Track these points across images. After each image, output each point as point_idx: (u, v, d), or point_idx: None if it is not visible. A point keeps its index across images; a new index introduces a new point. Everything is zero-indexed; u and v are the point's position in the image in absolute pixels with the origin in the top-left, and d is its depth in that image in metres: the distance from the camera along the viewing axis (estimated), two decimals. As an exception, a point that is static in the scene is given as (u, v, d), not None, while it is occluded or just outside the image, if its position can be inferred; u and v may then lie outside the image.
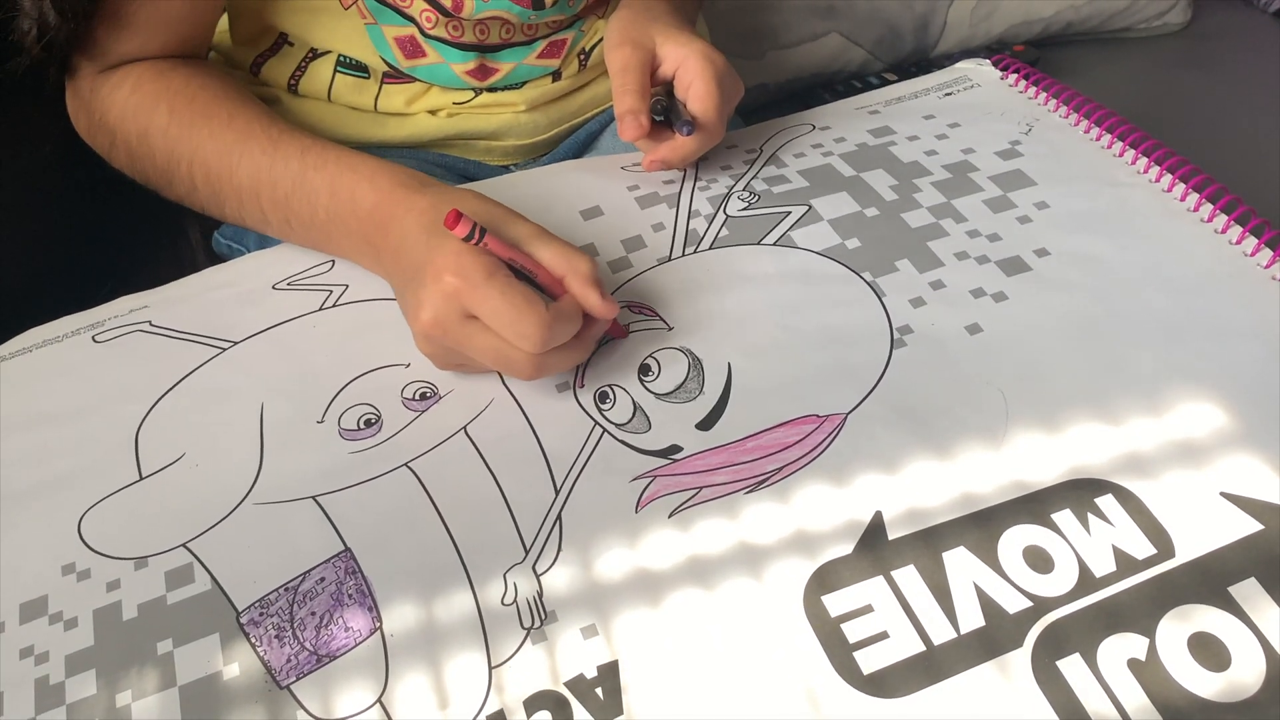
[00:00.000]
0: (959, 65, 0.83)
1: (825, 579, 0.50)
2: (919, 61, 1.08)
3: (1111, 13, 1.13)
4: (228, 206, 0.69)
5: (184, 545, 0.55)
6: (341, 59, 0.78)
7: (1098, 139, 0.72)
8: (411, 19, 0.76)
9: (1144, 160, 0.69)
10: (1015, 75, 0.80)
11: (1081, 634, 0.48)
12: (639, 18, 0.75)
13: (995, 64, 0.82)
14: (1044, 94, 0.77)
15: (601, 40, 0.81)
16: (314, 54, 0.79)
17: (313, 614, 0.51)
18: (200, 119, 0.68)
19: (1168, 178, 0.68)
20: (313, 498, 0.56)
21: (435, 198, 0.61)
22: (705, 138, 0.70)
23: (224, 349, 0.65)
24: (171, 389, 0.63)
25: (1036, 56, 1.08)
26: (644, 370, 0.60)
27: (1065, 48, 1.15)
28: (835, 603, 0.49)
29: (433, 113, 0.81)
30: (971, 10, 1.08)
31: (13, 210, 0.79)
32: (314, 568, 0.53)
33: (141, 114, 0.70)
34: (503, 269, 0.56)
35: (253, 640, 0.51)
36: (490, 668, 0.49)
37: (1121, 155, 0.71)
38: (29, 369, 0.65)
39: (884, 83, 1.04)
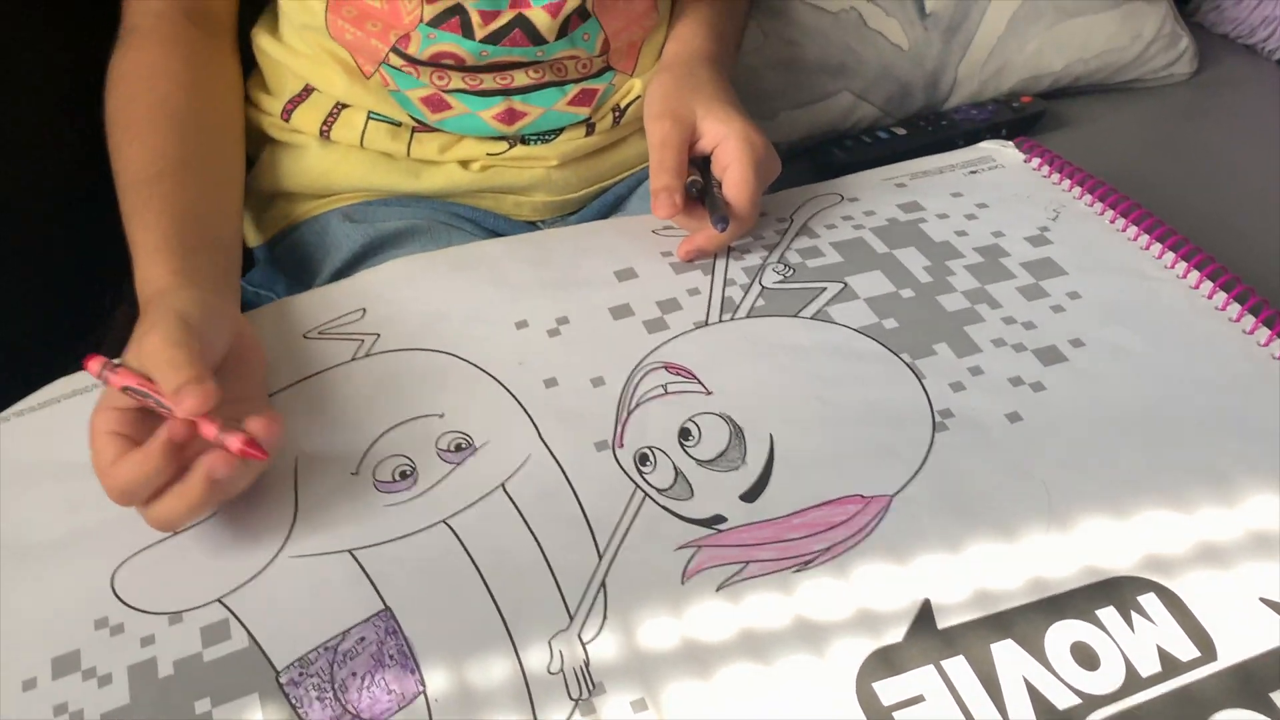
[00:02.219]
0: (983, 145, 0.84)
1: (876, 666, 0.50)
2: (928, 115, 1.10)
3: (1120, 65, 1.15)
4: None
5: (219, 600, 0.54)
6: (372, 112, 0.78)
7: (1124, 229, 0.74)
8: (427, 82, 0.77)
9: (1171, 255, 0.71)
10: (1039, 159, 0.81)
11: (1129, 733, 0.48)
12: (681, 86, 0.75)
13: (1018, 145, 0.83)
14: (1068, 180, 0.79)
15: (637, 99, 0.82)
16: (344, 105, 0.79)
17: (354, 675, 0.51)
18: (120, 125, 0.70)
19: (1195, 274, 0.70)
20: (349, 552, 0.56)
21: (147, 314, 0.60)
22: (739, 227, 0.70)
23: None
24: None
25: (1044, 108, 1.10)
26: (684, 434, 0.60)
27: (1073, 99, 1.16)
28: (887, 691, 0.49)
29: (465, 164, 0.80)
30: (981, 65, 1.10)
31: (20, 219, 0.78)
32: (353, 627, 0.53)
33: (108, 88, 0.72)
34: (104, 425, 0.55)
35: (293, 701, 0.50)
36: (539, 739, 0.49)
37: (1148, 248, 0.72)
38: (56, 420, 0.64)
39: (892, 137, 1.05)
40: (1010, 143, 0.84)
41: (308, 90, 0.79)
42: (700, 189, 0.70)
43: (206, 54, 0.76)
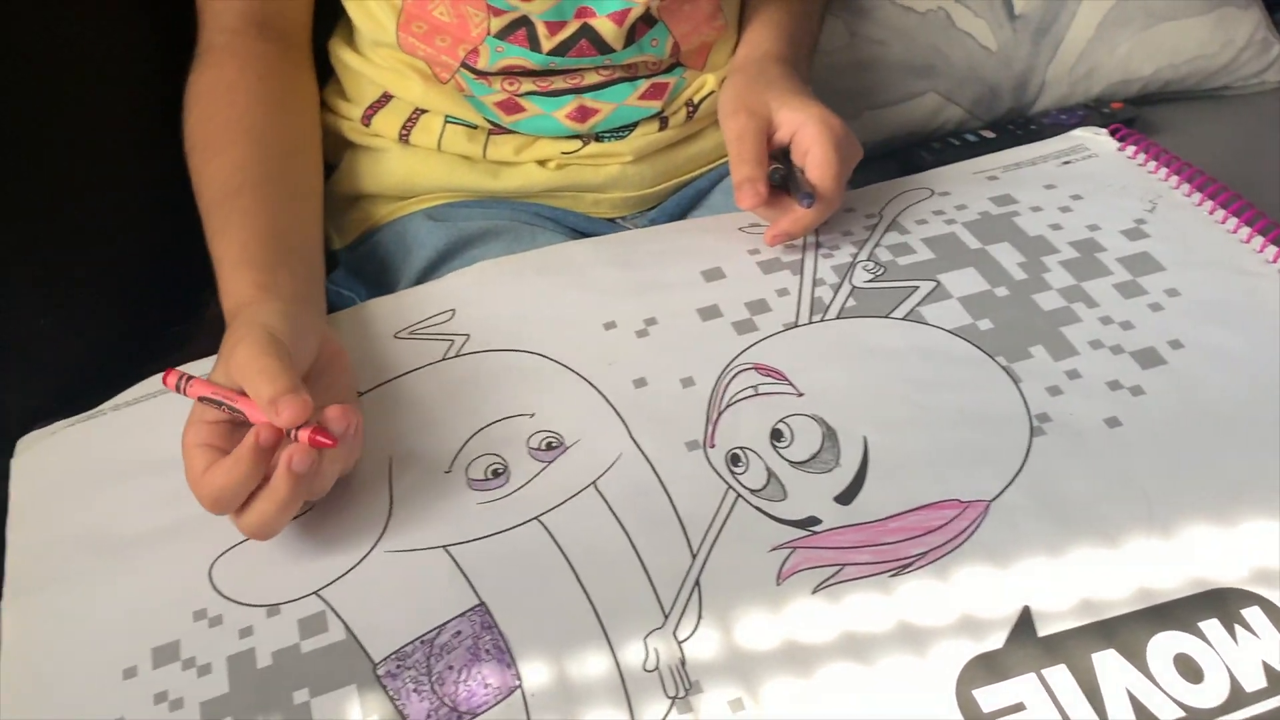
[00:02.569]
0: (1075, 133, 0.83)
1: (976, 672, 0.50)
2: (1015, 119, 1.08)
3: (1210, 71, 1.13)
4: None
5: (316, 593, 0.55)
6: (449, 116, 0.79)
7: (1223, 221, 0.72)
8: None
9: (1272, 249, 0.69)
10: (1135, 148, 0.80)
11: (1237, 749, 0.47)
12: (754, 83, 0.75)
13: (1112, 134, 0.82)
14: (1165, 170, 0.77)
15: (711, 93, 0.82)
16: (421, 110, 0.80)
17: (450, 668, 0.51)
18: (199, 143, 0.71)
19: (1297, 269, 0.68)
20: (444, 548, 0.56)
21: (233, 328, 0.60)
22: (824, 207, 0.70)
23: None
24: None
25: (1134, 114, 1.08)
26: (776, 435, 0.60)
27: (1162, 105, 1.14)
28: (987, 698, 0.49)
29: (541, 163, 0.81)
30: (1070, 69, 1.08)
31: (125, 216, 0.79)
32: (449, 621, 0.53)
33: (185, 108, 0.73)
34: (199, 433, 0.55)
35: (391, 693, 0.51)
36: (637, 736, 0.49)
37: (1248, 241, 0.71)
38: (153, 415, 0.66)
39: (981, 140, 1.04)
40: (1104, 130, 0.82)
41: (386, 97, 0.80)
42: (783, 175, 0.70)
43: (282, 69, 0.77)
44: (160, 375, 0.67)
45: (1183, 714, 0.48)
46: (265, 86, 0.74)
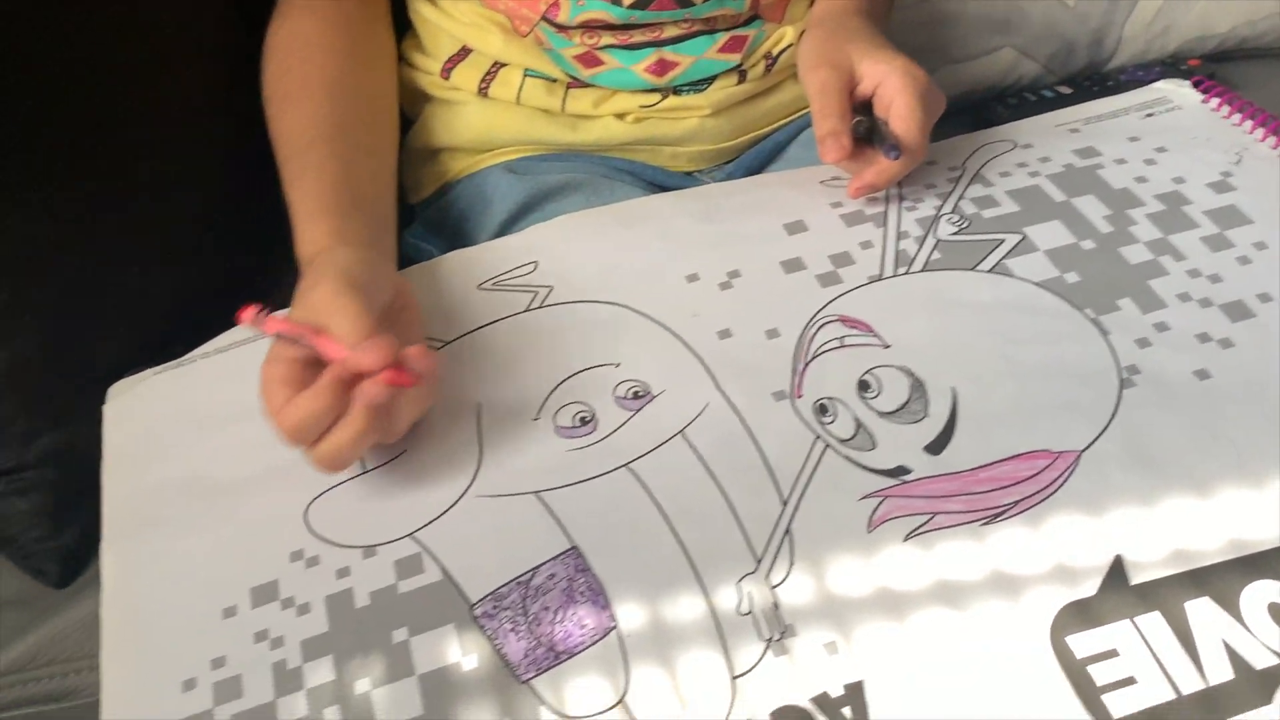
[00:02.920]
0: (1158, 85, 0.82)
1: (1069, 619, 0.50)
2: (1092, 75, 1.07)
3: (1288, 29, 1.11)
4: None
5: (411, 535, 0.56)
6: (528, 70, 0.79)
7: (1313, 174, 0.71)
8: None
9: (1364, 203, 0.68)
10: (1218, 100, 0.79)
11: (1333, 696, 0.48)
12: (834, 36, 0.74)
13: (1195, 85, 0.81)
14: (1250, 122, 0.76)
15: (789, 46, 0.82)
16: (501, 63, 0.80)
17: (546, 609, 0.52)
18: (277, 95, 0.73)
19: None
20: (535, 494, 0.57)
21: (312, 272, 0.61)
22: (910, 159, 0.69)
23: (435, 349, 0.65)
24: (388, 385, 0.64)
25: (1211, 71, 1.07)
26: (864, 386, 0.60)
27: (1237, 63, 1.13)
28: (1081, 644, 0.49)
29: (620, 117, 0.81)
30: (1147, 25, 1.07)
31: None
32: (544, 563, 0.54)
33: (264, 60, 0.75)
34: (274, 374, 0.56)
35: (488, 633, 0.52)
36: (732, 677, 0.49)
37: (1336, 193, 0.70)
38: (243, 362, 0.66)
39: (1057, 96, 1.03)
40: (1187, 82, 0.81)
41: (465, 50, 0.80)
42: (867, 128, 0.70)
43: (361, 22, 0.78)
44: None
45: (1277, 661, 0.48)
46: (343, 40, 0.75)
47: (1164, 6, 1.07)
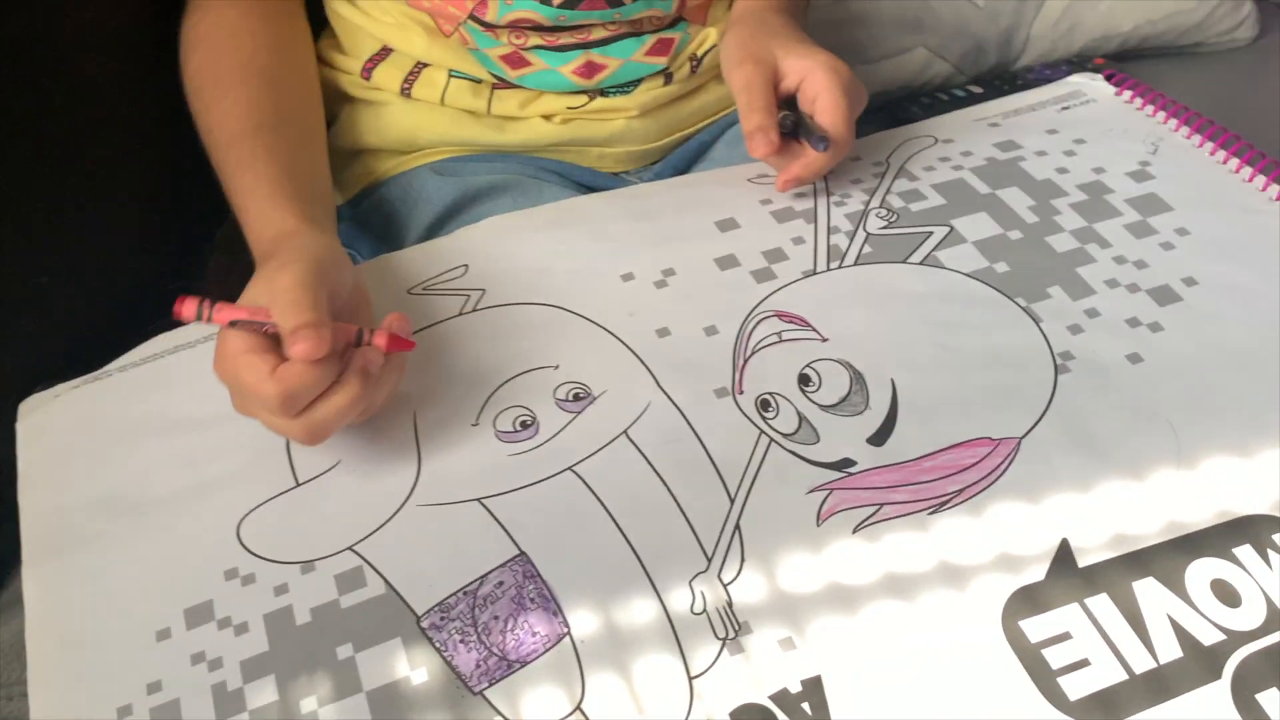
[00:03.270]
0: (1072, 79, 0.83)
1: (1020, 604, 0.50)
2: (1001, 74, 1.10)
3: (1185, 27, 1.15)
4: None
5: (350, 549, 0.55)
6: (453, 70, 0.78)
7: (1224, 162, 0.73)
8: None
9: (1275, 187, 0.70)
10: (1131, 93, 0.80)
11: (1277, 669, 0.48)
12: (756, 33, 0.75)
13: (1108, 79, 0.82)
14: (1163, 114, 0.78)
15: (713, 47, 0.82)
16: (424, 64, 0.79)
17: (496, 618, 0.51)
18: (207, 83, 0.71)
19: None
20: (478, 501, 0.56)
21: (269, 261, 0.60)
22: (837, 151, 0.70)
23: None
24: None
25: (1115, 70, 1.09)
26: (804, 380, 0.60)
27: (1139, 61, 1.16)
28: (1034, 629, 0.50)
29: (547, 118, 0.80)
30: (1054, 24, 1.10)
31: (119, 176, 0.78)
32: (491, 571, 0.53)
33: (186, 50, 0.73)
34: (241, 347, 0.54)
35: (437, 645, 0.51)
36: (690, 678, 0.49)
37: (1251, 181, 0.72)
38: (163, 375, 0.65)
39: (969, 95, 1.05)
40: (1100, 75, 0.83)
41: (386, 50, 0.79)
42: (793, 122, 0.70)
43: (280, 14, 0.76)
44: (165, 334, 0.67)
45: (1223, 637, 0.49)
46: (269, 30, 0.74)
47: (1070, 6, 1.10)
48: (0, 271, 0.69)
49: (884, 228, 0.69)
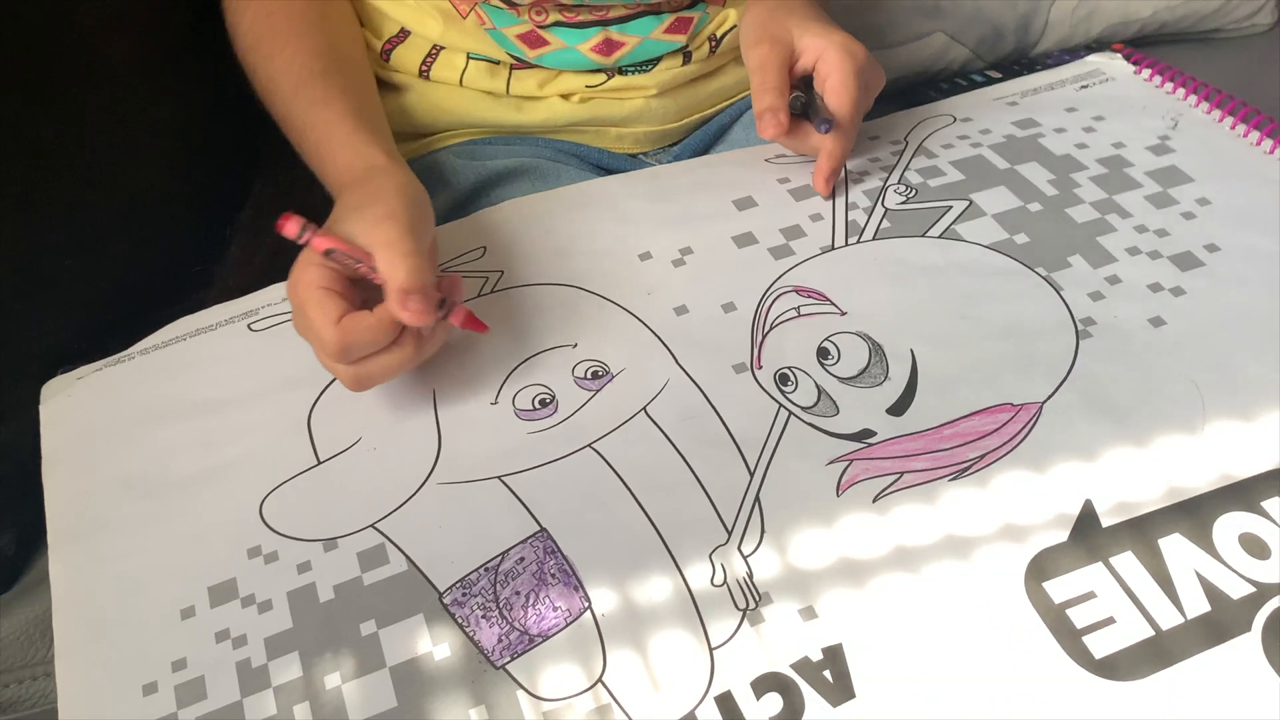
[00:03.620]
0: (1090, 59, 0.83)
1: (1043, 566, 0.50)
2: (1019, 60, 1.09)
3: (1204, 14, 1.14)
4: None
5: (373, 526, 0.55)
6: (471, 53, 0.79)
7: (1245, 135, 0.73)
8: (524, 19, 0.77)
9: (1298, 159, 0.70)
10: (1150, 70, 0.80)
11: (1308, 621, 0.48)
12: (775, 12, 0.74)
13: (1126, 57, 0.82)
14: (1183, 90, 0.77)
15: (733, 28, 0.82)
16: (441, 46, 0.79)
17: (517, 593, 0.51)
18: (266, 35, 0.72)
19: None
20: (498, 478, 0.56)
21: (357, 188, 0.62)
22: (843, 134, 0.69)
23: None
24: (338, 375, 0.62)
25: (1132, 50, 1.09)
26: (823, 354, 0.60)
27: (1157, 47, 1.15)
28: (1057, 589, 0.49)
29: (565, 97, 0.80)
30: (1072, 10, 1.09)
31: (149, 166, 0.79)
32: (512, 547, 0.53)
33: (235, 14, 0.74)
34: (319, 280, 0.56)
35: (459, 620, 0.50)
36: (711, 649, 0.49)
37: (1273, 152, 0.71)
38: (184, 357, 0.65)
39: (988, 80, 1.04)
40: (1118, 54, 0.82)
41: (404, 32, 0.80)
42: (804, 103, 0.70)
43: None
44: (186, 317, 0.67)
45: (1252, 589, 0.49)
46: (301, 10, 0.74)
47: (1088, -9, 1.09)
48: (23, 255, 0.69)
49: (902, 203, 0.69)
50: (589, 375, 0.61)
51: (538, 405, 0.59)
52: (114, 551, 0.55)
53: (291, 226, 0.56)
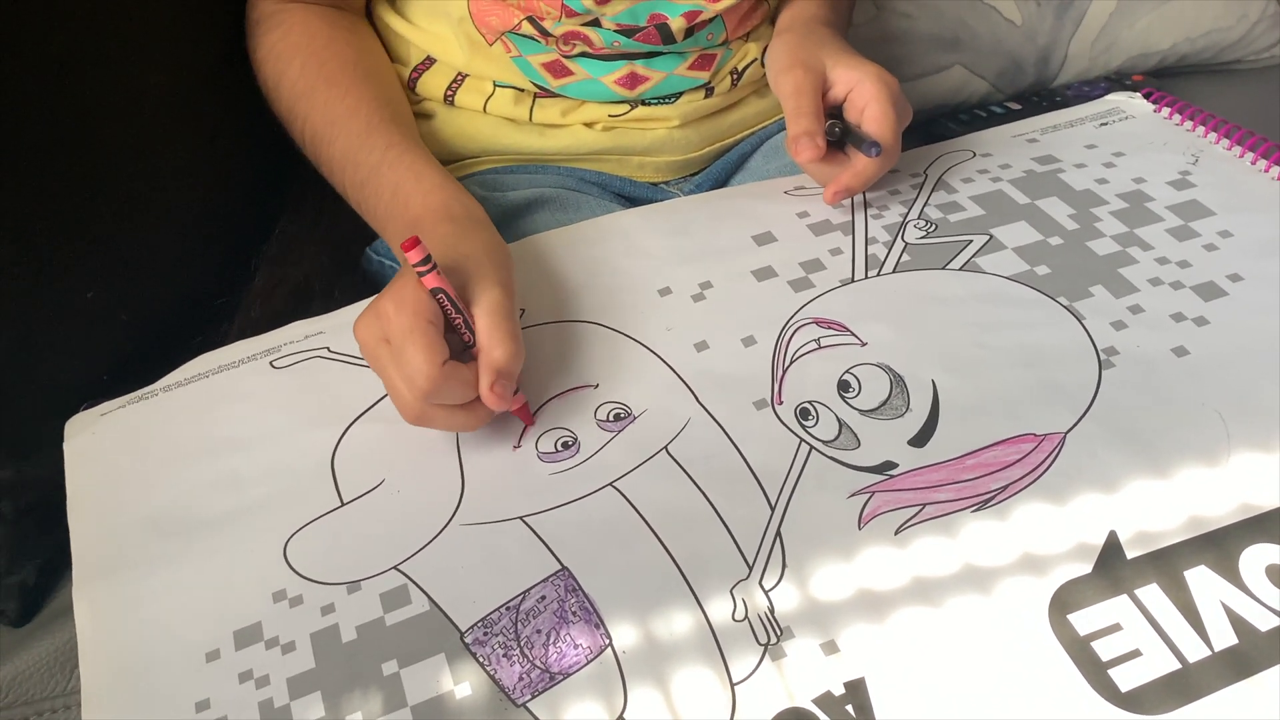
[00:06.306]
0: (1110, 97, 0.83)
1: (1067, 598, 0.49)
2: (1039, 92, 1.09)
3: (1224, 45, 1.14)
4: (324, 170, 0.74)
5: (396, 568, 0.55)
6: (495, 81, 0.80)
7: (1266, 170, 0.73)
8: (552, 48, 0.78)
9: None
10: (1170, 109, 0.80)
11: (1339, 654, 0.47)
12: (805, 41, 0.75)
13: (1145, 96, 0.82)
14: (1203, 128, 0.77)
15: (754, 61, 0.82)
16: (465, 74, 0.80)
17: (538, 632, 0.51)
18: (321, 84, 0.73)
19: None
20: (520, 518, 0.56)
21: (456, 230, 0.63)
22: (886, 160, 0.70)
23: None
24: (361, 416, 0.63)
25: (1154, 87, 1.09)
26: (844, 387, 0.60)
27: (1177, 79, 1.16)
28: (1082, 622, 0.48)
29: (589, 125, 0.81)
30: (1092, 43, 1.09)
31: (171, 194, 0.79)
32: (533, 586, 0.53)
33: (280, 61, 0.75)
34: (430, 314, 0.56)
35: (480, 659, 0.50)
36: (732, 684, 0.48)
37: (1295, 188, 0.71)
38: (207, 395, 0.66)
39: (1007, 112, 1.05)
40: (1138, 94, 0.83)
41: (430, 60, 0.81)
42: (841, 131, 0.70)
43: (356, 26, 0.79)
44: (209, 353, 0.68)
45: (1280, 623, 0.48)
46: (357, 40, 0.76)
47: (1108, 24, 1.09)
48: (47, 286, 0.69)
49: (922, 238, 0.69)
50: (611, 418, 0.61)
51: (560, 448, 0.60)
52: (140, 593, 0.56)
53: (417, 253, 0.56)
